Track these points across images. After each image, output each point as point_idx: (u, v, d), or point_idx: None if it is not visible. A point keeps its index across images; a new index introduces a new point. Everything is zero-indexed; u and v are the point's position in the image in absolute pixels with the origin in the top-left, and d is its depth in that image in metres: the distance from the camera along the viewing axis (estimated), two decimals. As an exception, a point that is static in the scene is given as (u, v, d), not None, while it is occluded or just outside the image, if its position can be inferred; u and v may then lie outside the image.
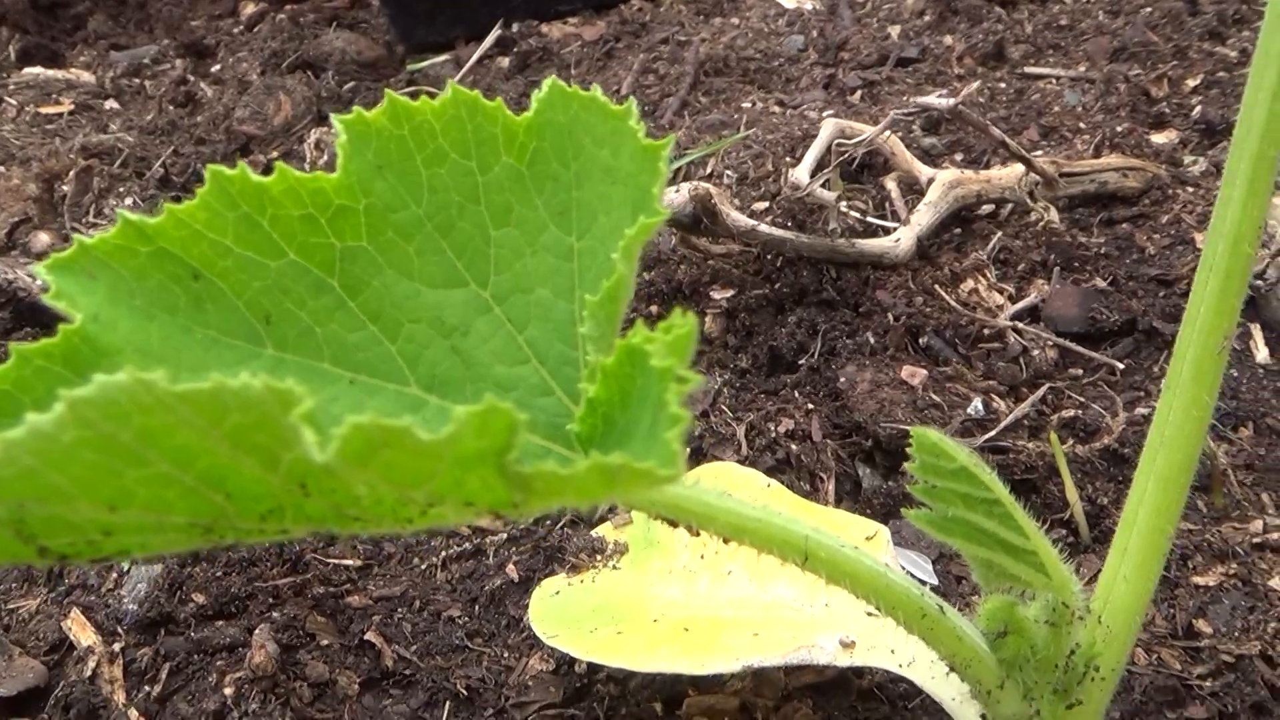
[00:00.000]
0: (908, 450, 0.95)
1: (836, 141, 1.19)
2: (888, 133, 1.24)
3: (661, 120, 1.62)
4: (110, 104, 2.10)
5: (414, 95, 1.75)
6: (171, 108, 2.04)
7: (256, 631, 0.89)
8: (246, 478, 0.34)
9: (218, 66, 2.28)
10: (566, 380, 0.47)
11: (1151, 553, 0.57)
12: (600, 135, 0.48)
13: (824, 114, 1.52)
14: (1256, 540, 0.85)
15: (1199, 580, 0.83)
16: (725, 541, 0.49)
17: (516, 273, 0.48)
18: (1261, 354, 1.04)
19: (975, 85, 1.37)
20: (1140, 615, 0.59)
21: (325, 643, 0.91)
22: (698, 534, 0.47)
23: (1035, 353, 1.06)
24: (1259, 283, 1.04)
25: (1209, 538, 0.86)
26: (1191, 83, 1.43)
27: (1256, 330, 1.05)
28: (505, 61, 2.00)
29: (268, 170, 1.59)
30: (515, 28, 2.10)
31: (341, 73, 2.08)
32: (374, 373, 0.47)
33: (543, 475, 0.33)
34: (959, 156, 1.38)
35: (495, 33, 1.98)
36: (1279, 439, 0.96)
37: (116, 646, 0.91)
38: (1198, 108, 1.38)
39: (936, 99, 1.12)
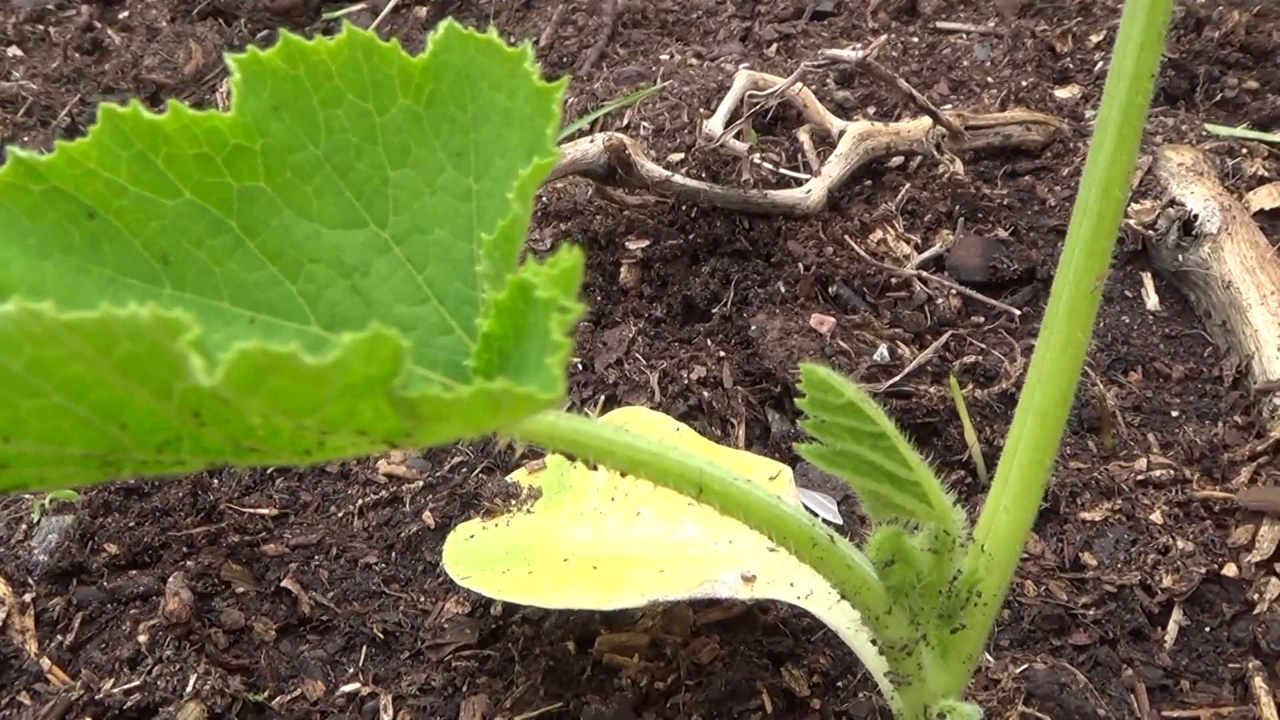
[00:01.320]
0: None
1: (749, 93, 1.21)
2: (800, 85, 1.25)
3: (580, 71, 1.62)
4: (13, 51, 2.04)
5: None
6: (78, 55, 1.98)
7: (170, 580, 0.89)
8: (141, 408, 0.35)
9: (125, 13, 2.22)
10: (465, 319, 0.48)
11: (1030, 484, 0.60)
12: (497, 78, 0.48)
13: (740, 66, 1.53)
14: (1140, 478, 0.90)
15: (1086, 516, 0.87)
16: (623, 475, 0.51)
17: (415, 213, 0.49)
18: (1152, 301, 1.08)
19: (884, 39, 1.39)
20: (1020, 543, 0.62)
21: (241, 590, 0.91)
22: (595, 468, 0.49)
23: (939, 301, 1.09)
24: (1150, 233, 1.09)
25: (1097, 475, 0.90)
26: (1095, 38, 1.47)
27: (1148, 279, 1.10)
28: (423, 11, 1.98)
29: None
30: (433, -24, 2.07)
31: (254, 20, 2.04)
32: (274, 312, 0.48)
33: (429, 400, 0.34)
34: (871, 109, 1.41)
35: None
36: (1165, 382, 1.01)
37: (27, 597, 0.91)
38: (1100, 63, 1.42)
39: (847, 52, 1.14)
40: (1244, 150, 1.20)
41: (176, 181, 0.46)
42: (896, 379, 1.00)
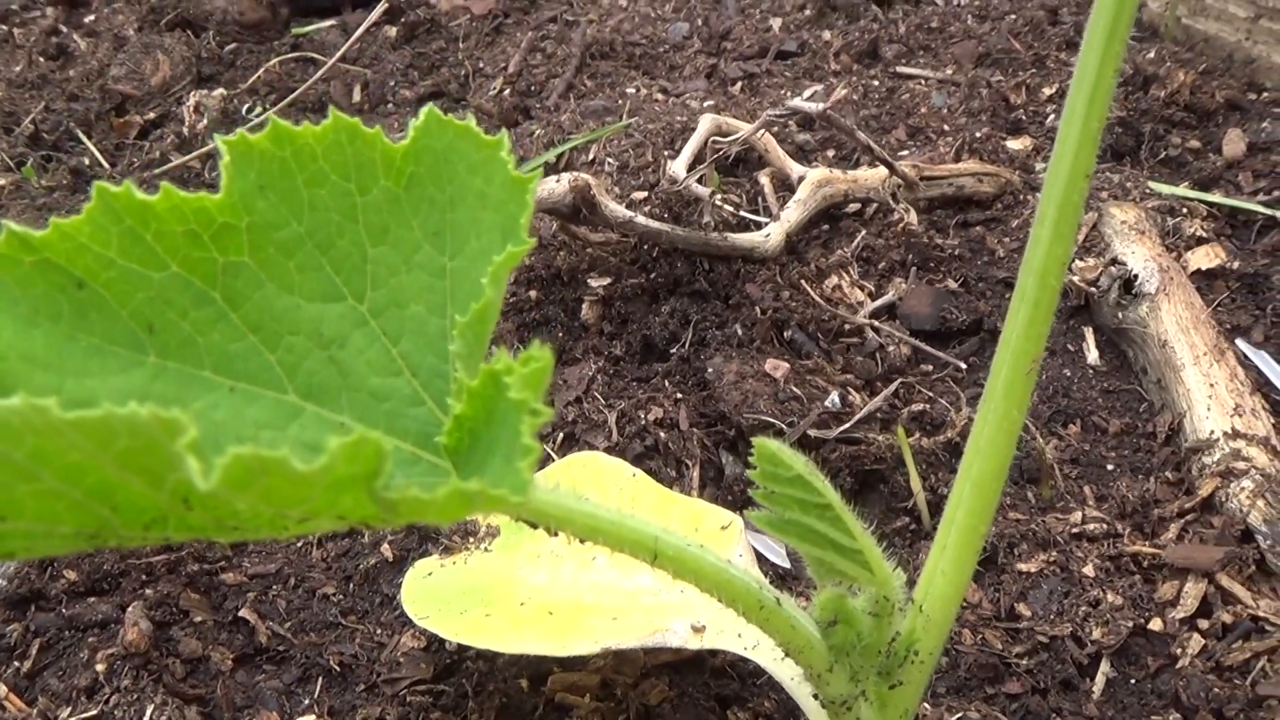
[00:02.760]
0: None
1: (713, 139, 1.24)
2: (762, 131, 1.29)
3: (547, 101, 1.65)
4: (-24, 55, 2.03)
5: (298, 60, 1.74)
6: (42, 60, 1.98)
7: (130, 609, 0.90)
8: (133, 493, 0.37)
9: (91, 17, 2.21)
10: (437, 391, 0.51)
11: (967, 549, 0.64)
12: (474, 163, 0.51)
13: (705, 103, 1.57)
14: (1075, 530, 0.93)
15: (1023, 567, 0.91)
16: (582, 541, 0.53)
17: (392, 289, 0.51)
18: (1092, 355, 1.12)
19: (844, 92, 1.42)
20: (957, 604, 0.65)
21: (199, 619, 0.93)
22: (556, 534, 0.51)
23: (890, 349, 1.13)
24: (1093, 290, 1.13)
25: (1034, 527, 0.94)
26: (1048, 91, 1.52)
27: (1089, 333, 1.14)
28: (393, 31, 1.99)
29: (145, 132, 1.55)
30: (404, -3, 2.09)
31: (223, 33, 2.04)
32: (254, 381, 0.50)
33: (408, 500, 0.36)
34: (830, 153, 1.45)
35: (380, 9, 1.96)
36: (1103, 435, 1.05)
37: (-15, 622, 0.92)
38: (1051, 116, 1.47)
39: (808, 103, 1.17)
40: (1184, 210, 1.25)
41: (164, 256, 0.48)
42: (847, 426, 1.03)
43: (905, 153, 1.44)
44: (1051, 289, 0.59)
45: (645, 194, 1.32)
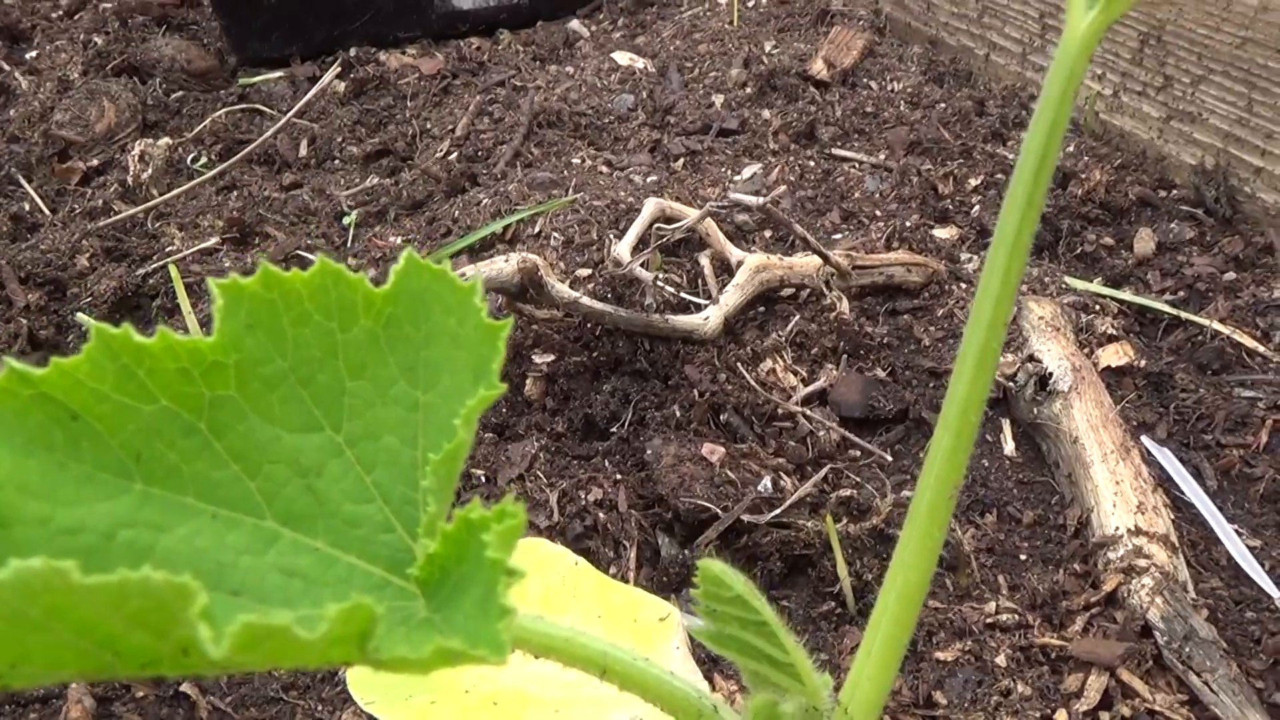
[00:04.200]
0: (703, 521, 1.05)
1: (656, 227, 1.29)
2: (707, 207, 1.34)
3: (495, 169, 1.69)
4: (-84, 93, 2.02)
5: (245, 111, 1.76)
6: (-17, 101, 1.97)
7: (72, 685, 0.91)
8: (137, 643, 0.40)
9: (34, 53, 2.21)
10: (408, 519, 0.54)
11: (891, 656, 0.68)
12: (448, 305, 0.55)
13: (649, 179, 1.62)
14: (989, 620, 0.99)
15: (940, 655, 0.97)
16: (536, 658, 0.57)
17: (368, 421, 0.55)
18: (1009, 447, 1.19)
19: (782, 189, 1.48)
20: (880, 708, 0.70)
21: (140, 695, 0.94)
22: (511, 650, 0.55)
23: (821, 434, 1.18)
24: (1011, 384, 1.20)
25: (951, 616, 1.00)
26: (974, 181, 1.60)
27: (1007, 425, 1.21)
28: (341, 86, 2.02)
29: (87, 179, 1.56)
30: (353, 52, 2.12)
31: (169, 81, 2.05)
32: (235, 507, 0.53)
33: (395, 659, 0.40)
34: (768, 233, 1.51)
35: (334, 69, 1.99)
36: (1017, 526, 1.11)
37: (-77, 694, 0.92)
38: (976, 207, 1.55)
39: (748, 197, 1.23)
40: (1097, 306, 1.33)
41: (156, 390, 0.51)
42: (778, 511, 1.08)
43: (839, 236, 1.50)
44: (972, 424, 0.64)
45: (590, 271, 1.37)
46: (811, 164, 1.67)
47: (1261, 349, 1.27)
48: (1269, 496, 1.12)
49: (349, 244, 1.61)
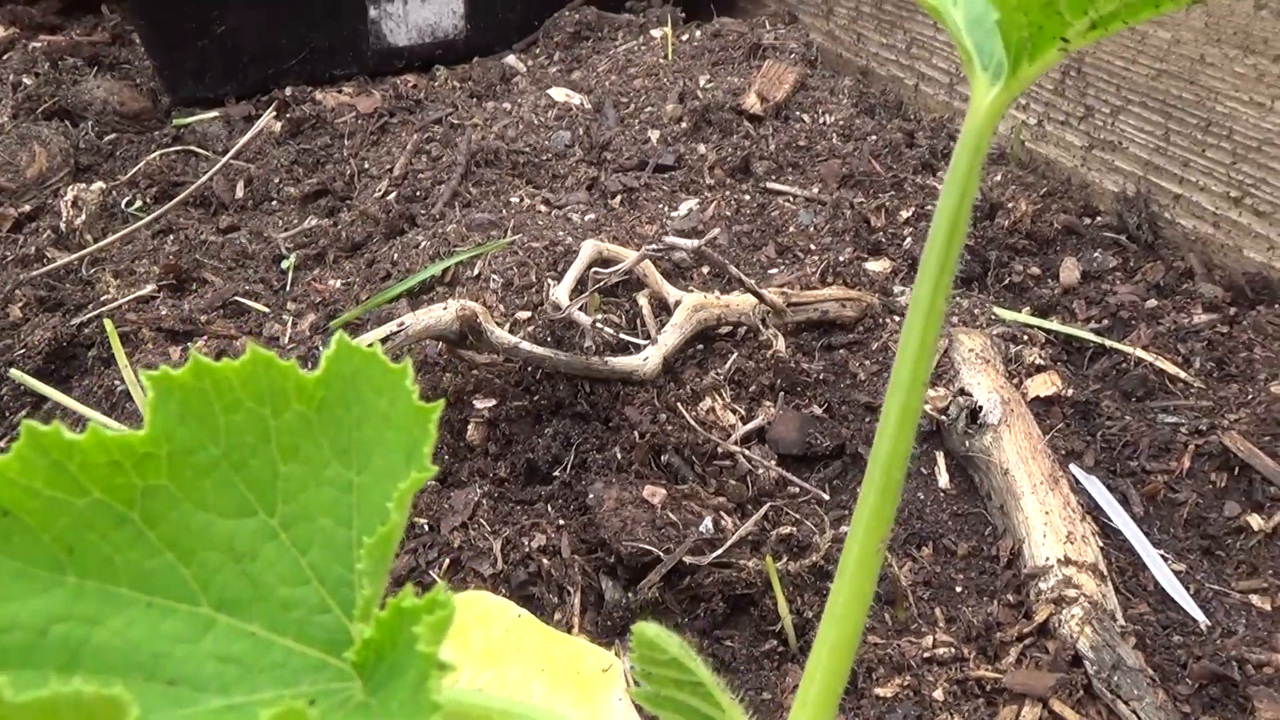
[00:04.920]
0: (646, 564, 1.06)
1: (594, 271, 1.30)
2: (643, 250, 1.36)
3: (433, 210, 1.69)
4: None
5: (179, 153, 1.75)
6: (-89, 150, 1.93)
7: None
8: (69, 750, 0.40)
9: (-39, 99, 2.17)
10: (344, 600, 0.55)
11: (826, 707, 0.70)
12: (380, 386, 0.56)
13: (586, 217, 1.64)
14: (927, 655, 1.02)
15: (879, 691, 0.99)
16: (477, 729, 0.58)
17: (302, 503, 0.56)
18: (944, 479, 1.22)
19: (716, 231, 1.50)
20: (817, 756, 0.72)
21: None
22: (453, 724, 0.56)
23: (760, 472, 1.20)
24: (943, 418, 1.23)
25: (890, 651, 1.02)
26: (905, 214, 1.63)
27: (941, 458, 1.23)
28: (278, 126, 2.02)
29: (19, 225, 1.54)
30: (289, 91, 2.12)
31: (102, 123, 2.04)
32: (169, 595, 0.53)
33: (330, 758, 0.41)
34: (705, 269, 1.53)
35: (270, 109, 1.99)
36: (952, 558, 1.14)
37: None
38: (908, 239, 1.58)
39: (683, 240, 1.25)
40: (1025, 337, 1.36)
41: (87, 484, 0.51)
42: (719, 552, 1.10)
43: (775, 270, 1.53)
44: (896, 480, 0.66)
45: (529, 314, 1.38)
46: (747, 198, 1.70)
47: (1183, 375, 1.31)
48: (1192, 521, 1.16)
49: (288, 288, 1.61)
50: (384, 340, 1.20)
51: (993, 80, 0.60)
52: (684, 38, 2.15)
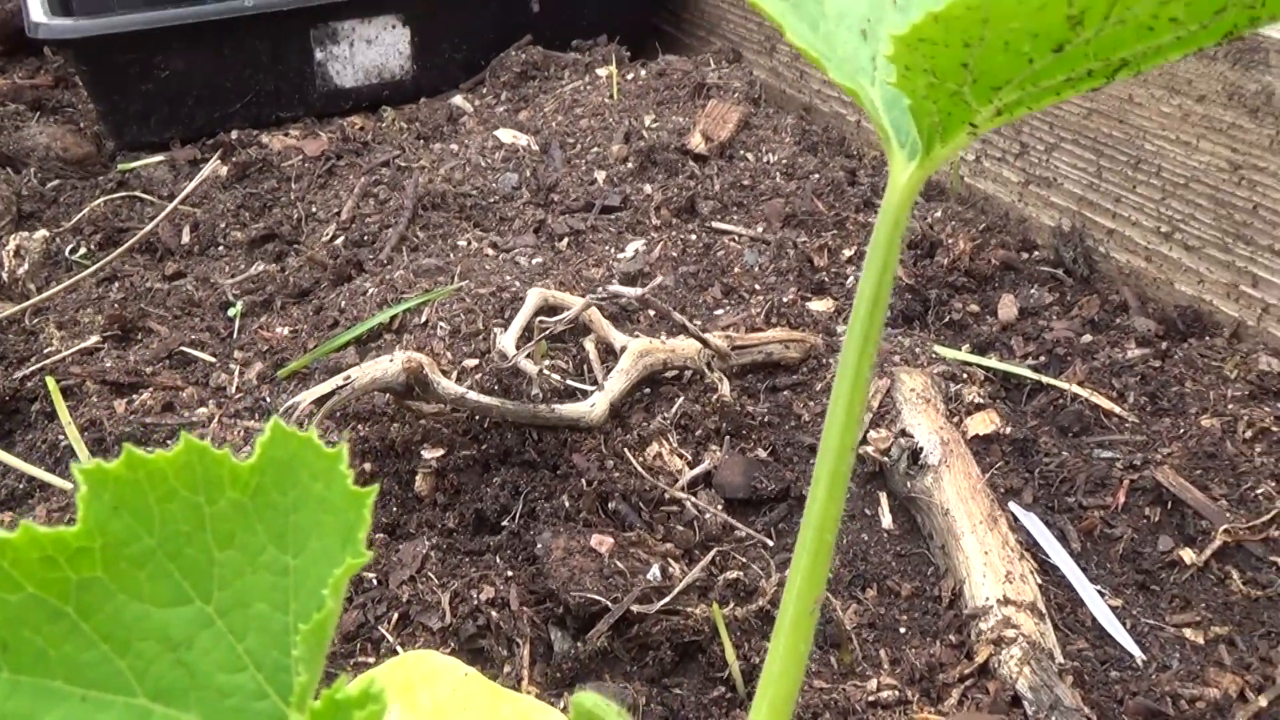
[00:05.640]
0: (594, 614, 1.07)
1: (540, 319, 1.32)
2: (587, 299, 1.37)
3: (380, 254, 1.70)
4: None
5: (124, 199, 1.75)
6: None
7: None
8: None
9: (-101, 146, 2.15)
10: (281, 686, 0.56)
11: (767, 766, 0.71)
12: (315, 470, 0.57)
13: (534, 260, 1.65)
14: (871, 698, 1.03)
15: (825, 737, 1.00)
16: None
17: (238, 589, 0.56)
18: (887, 520, 1.24)
19: (659, 280, 1.52)
20: (759, 813, 0.73)
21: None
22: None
23: (707, 517, 1.22)
24: (885, 459, 1.25)
25: (835, 696, 1.04)
26: (847, 253, 1.66)
27: (884, 498, 1.26)
28: (224, 170, 2.01)
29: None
30: (235, 134, 2.12)
31: (45, 169, 2.03)
32: (104, 688, 0.54)
33: None
34: (651, 311, 1.54)
35: (217, 153, 1.99)
36: (896, 599, 1.16)
37: None
38: (850, 278, 1.61)
39: (627, 289, 1.27)
40: (965, 375, 1.39)
41: (21, 579, 0.52)
42: (667, 599, 1.11)
43: (721, 311, 1.55)
44: (827, 544, 0.68)
45: (477, 361, 1.38)
46: (693, 238, 1.72)
47: (1118, 409, 1.35)
48: (1128, 555, 1.19)
49: (235, 336, 1.60)
50: (330, 394, 1.20)
51: (909, 158, 0.63)
52: (629, 76, 2.17)
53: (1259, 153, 1.42)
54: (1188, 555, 1.17)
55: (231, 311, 1.65)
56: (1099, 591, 1.15)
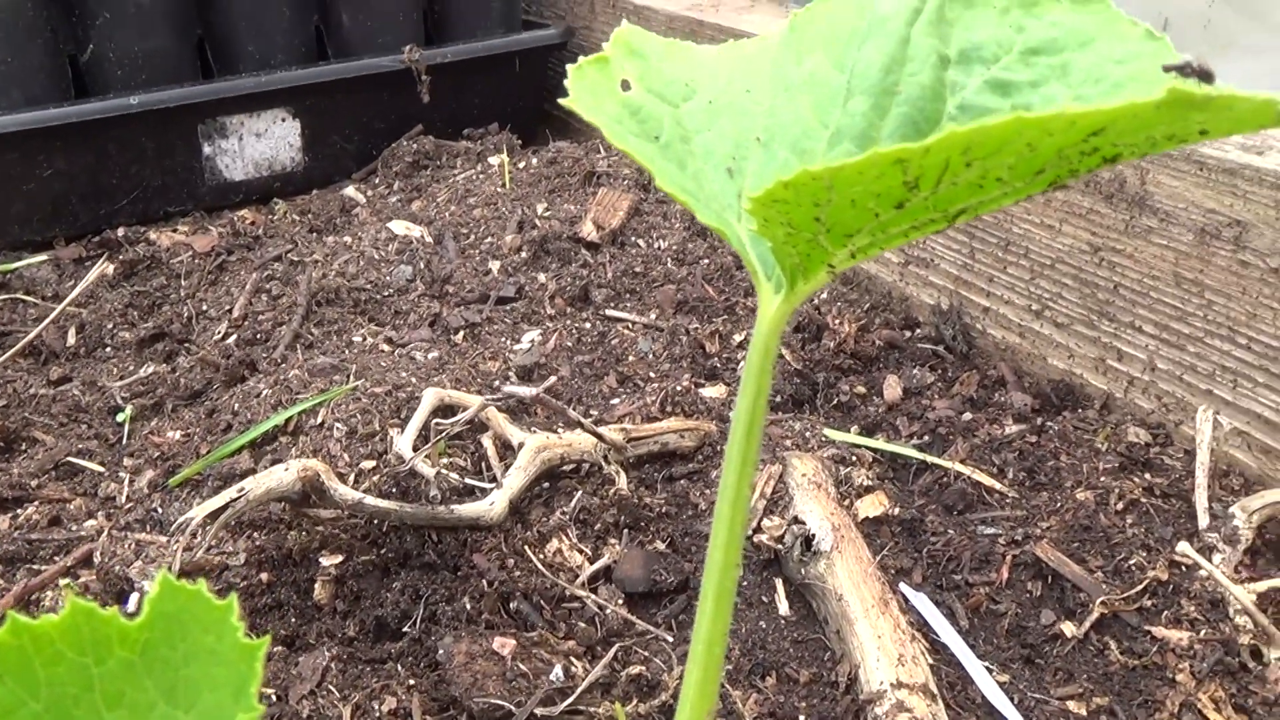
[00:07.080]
0: None
1: (436, 421, 1.33)
2: (483, 400, 1.39)
3: (274, 353, 1.69)
4: None
5: (6, 301, 1.72)
6: None
7: None
8: None
9: None
10: (175, 844, 0.56)
11: None
12: (206, 623, 0.57)
13: (430, 354, 1.66)
14: (773, 790, 1.05)
15: (729, 832, 1.02)
16: None
17: (128, 748, 0.56)
18: (784, 606, 1.27)
19: (552, 379, 1.54)
20: None
21: None
22: None
23: (608, 612, 1.23)
24: (779, 546, 1.28)
25: (739, 789, 1.05)
26: (738, 337, 1.71)
27: (780, 585, 1.29)
28: (110, 268, 1.99)
29: None
30: (122, 231, 2.09)
31: (-78, 273, 1.97)
32: None
33: None
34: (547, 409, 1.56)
35: (101, 259, 1.96)
36: (795, 686, 1.19)
37: None
38: (742, 363, 1.65)
39: (522, 389, 1.29)
40: (854, 457, 1.44)
41: (-100, 758, 0.51)
42: (570, 700, 1.12)
43: (617, 400, 1.58)
44: (717, 660, 0.70)
45: (374, 463, 1.39)
46: (588, 326, 1.75)
47: (998, 486, 1.40)
48: (1013, 630, 1.23)
49: (124, 442, 1.58)
50: (225, 507, 1.19)
51: (775, 291, 0.66)
52: (521, 165, 2.21)
53: (1116, 235, 1.51)
54: (1069, 628, 1.22)
55: (120, 417, 1.62)
56: (987, 668, 1.19)
